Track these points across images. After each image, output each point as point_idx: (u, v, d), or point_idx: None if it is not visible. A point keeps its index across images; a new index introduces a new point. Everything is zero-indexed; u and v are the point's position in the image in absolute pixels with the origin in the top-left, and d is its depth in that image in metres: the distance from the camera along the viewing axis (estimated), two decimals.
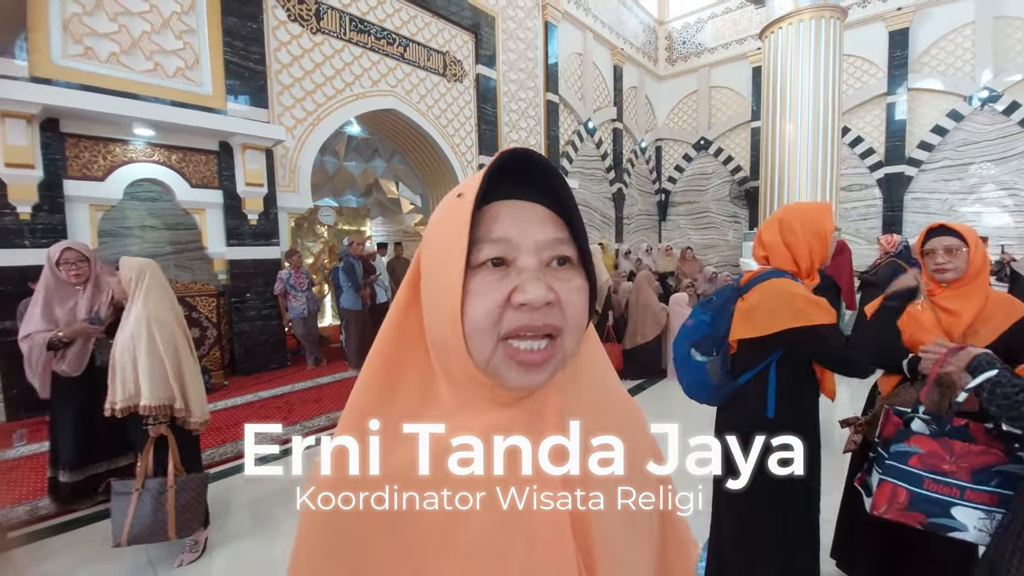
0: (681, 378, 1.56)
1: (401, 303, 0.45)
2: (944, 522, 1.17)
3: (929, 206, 8.74)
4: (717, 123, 11.36)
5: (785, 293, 1.36)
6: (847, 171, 9.22)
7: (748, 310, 1.43)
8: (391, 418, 0.42)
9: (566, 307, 0.39)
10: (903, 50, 8.67)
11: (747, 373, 1.44)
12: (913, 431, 1.25)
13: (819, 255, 1.44)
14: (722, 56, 11.03)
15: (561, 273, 0.41)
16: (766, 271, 1.46)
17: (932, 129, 8.61)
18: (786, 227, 1.45)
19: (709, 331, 1.50)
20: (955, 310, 1.45)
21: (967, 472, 1.16)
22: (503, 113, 7.93)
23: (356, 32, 5.96)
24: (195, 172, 4.75)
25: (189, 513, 2.04)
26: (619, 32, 10.50)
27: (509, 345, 0.38)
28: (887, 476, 1.25)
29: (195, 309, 4.88)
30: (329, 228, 8.51)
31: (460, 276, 0.37)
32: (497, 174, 0.39)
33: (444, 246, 0.39)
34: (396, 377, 0.44)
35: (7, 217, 3.70)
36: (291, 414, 3.95)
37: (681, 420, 0.50)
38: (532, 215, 0.41)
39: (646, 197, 12.08)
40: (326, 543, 0.41)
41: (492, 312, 0.38)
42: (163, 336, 1.99)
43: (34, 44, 3.73)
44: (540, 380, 0.40)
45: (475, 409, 0.42)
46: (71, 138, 4.05)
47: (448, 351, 0.41)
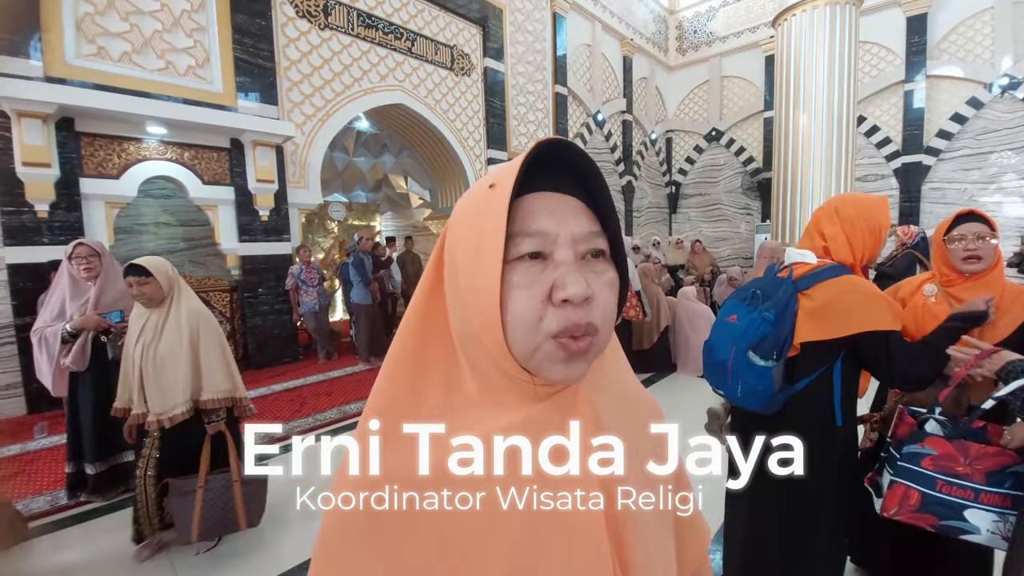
0: (733, 384, 1.35)
1: (424, 292, 0.45)
2: (957, 524, 1.15)
3: (948, 196, 8.54)
4: (729, 113, 11.18)
5: (863, 292, 1.27)
6: (862, 161, 9.04)
7: (817, 309, 1.29)
8: (417, 414, 0.42)
9: (600, 302, 0.39)
10: (921, 36, 8.44)
11: (805, 379, 1.32)
12: (927, 432, 1.21)
13: (871, 251, 1.37)
14: (734, 45, 10.84)
15: (595, 266, 0.40)
16: (828, 266, 1.34)
17: (951, 117, 8.39)
18: (844, 218, 1.37)
19: (772, 331, 1.30)
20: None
21: (981, 474, 1.13)
22: (511, 106, 7.89)
23: (364, 27, 5.97)
24: (207, 169, 4.81)
25: (256, 503, 2.07)
26: (628, 22, 10.37)
27: (558, 341, 0.38)
28: (899, 477, 1.22)
29: (209, 304, 4.95)
30: (339, 223, 8.57)
31: (498, 269, 0.36)
32: (529, 164, 0.38)
33: (478, 238, 0.38)
34: (420, 370, 0.44)
35: (25, 215, 3.79)
36: (303, 407, 4.00)
37: (691, 416, 0.50)
38: (567, 208, 0.40)
39: (656, 190, 11.97)
40: (358, 536, 0.40)
41: (535, 307, 0.37)
42: (214, 328, 2.01)
43: (48, 44, 3.79)
44: (581, 371, 0.39)
45: (504, 404, 0.42)
46: (86, 137, 4.12)
47: (481, 344, 0.40)
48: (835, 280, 1.29)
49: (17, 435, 3.47)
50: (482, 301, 0.37)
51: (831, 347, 1.29)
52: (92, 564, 2.08)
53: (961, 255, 1.40)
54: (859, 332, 1.24)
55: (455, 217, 0.43)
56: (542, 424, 0.41)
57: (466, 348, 0.42)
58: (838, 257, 1.36)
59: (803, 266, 1.38)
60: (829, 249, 1.38)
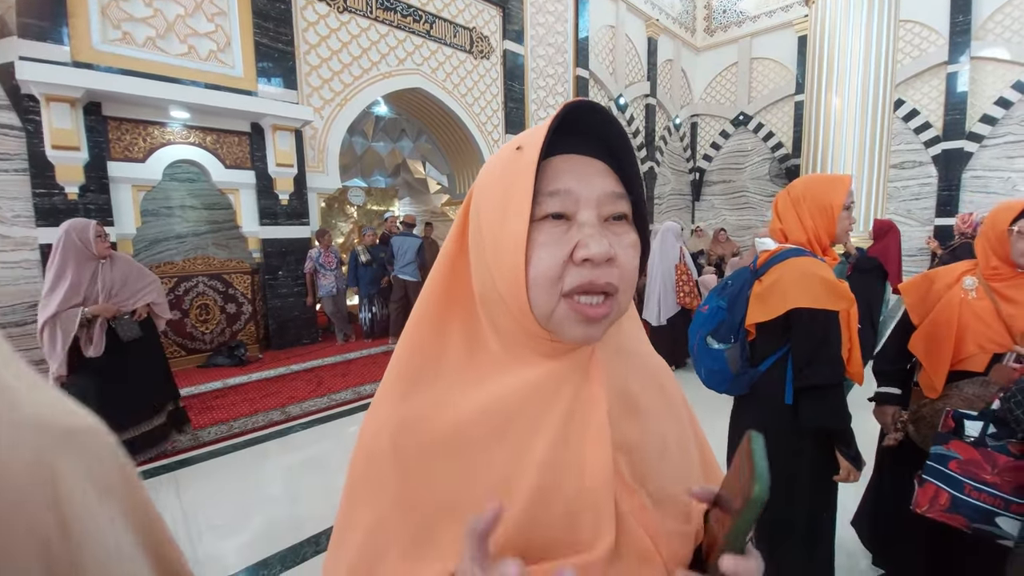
0: (699, 367, 1.49)
1: (448, 254, 0.46)
2: (989, 529, 1.11)
3: (990, 185, 8.11)
4: (758, 97, 10.79)
5: (801, 272, 1.28)
6: (899, 147, 8.64)
7: (763, 292, 1.35)
8: (439, 368, 0.44)
9: (622, 264, 0.40)
10: (966, 15, 7.94)
11: (767, 360, 1.37)
12: (952, 436, 1.19)
13: (825, 230, 1.34)
14: (765, 25, 10.40)
15: (617, 228, 0.41)
16: (784, 250, 1.36)
17: (996, 102, 7.92)
18: (794, 198, 1.37)
19: (726, 317, 1.43)
20: (1021, 300, 1.29)
21: (1010, 486, 1.09)
22: (531, 90, 7.77)
23: (382, 10, 5.93)
24: (229, 153, 4.90)
25: None
26: (655, 2, 10.04)
27: (574, 300, 0.39)
28: (928, 476, 1.20)
29: (231, 286, 5.10)
30: (358, 208, 8.65)
31: (524, 228, 0.38)
32: (556, 128, 0.39)
33: (504, 198, 0.39)
34: (443, 329, 0.45)
35: (56, 197, 3.93)
36: (320, 387, 4.10)
37: (702, 409, 0.50)
38: (592, 170, 0.41)
39: (679, 176, 11.69)
40: (382, 468, 0.42)
41: (556, 266, 0.38)
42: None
43: (75, 30, 3.88)
44: (599, 333, 0.41)
45: (524, 360, 0.43)
46: (113, 121, 4.23)
47: (504, 302, 0.41)
48: (783, 263, 1.33)
49: None
50: (507, 259, 0.39)
51: (778, 328, 1.33)
52: None
53: (1022, 250, 1.27)
54: (793, 308, 1.27)
55: (482, 178, 0.44)
56: (559, 378, 0.42)
57: (488, 308, 0.43)
58: (794, 238, 1.38)
59: (765, 253, 1.43)
60: (785, 231, 1.40)
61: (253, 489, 2.55)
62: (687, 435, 0.52)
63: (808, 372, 1.26)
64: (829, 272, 1.31)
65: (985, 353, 1.32)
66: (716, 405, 1.59)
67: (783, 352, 1.35)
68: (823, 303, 1.25)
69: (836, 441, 1.28)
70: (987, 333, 1.32)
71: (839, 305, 1.27)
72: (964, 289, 1.40)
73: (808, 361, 1.26)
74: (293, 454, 2.97)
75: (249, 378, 4.35)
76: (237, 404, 3.72)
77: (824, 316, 1.26)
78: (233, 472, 2.71)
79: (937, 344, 1.41)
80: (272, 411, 3.56)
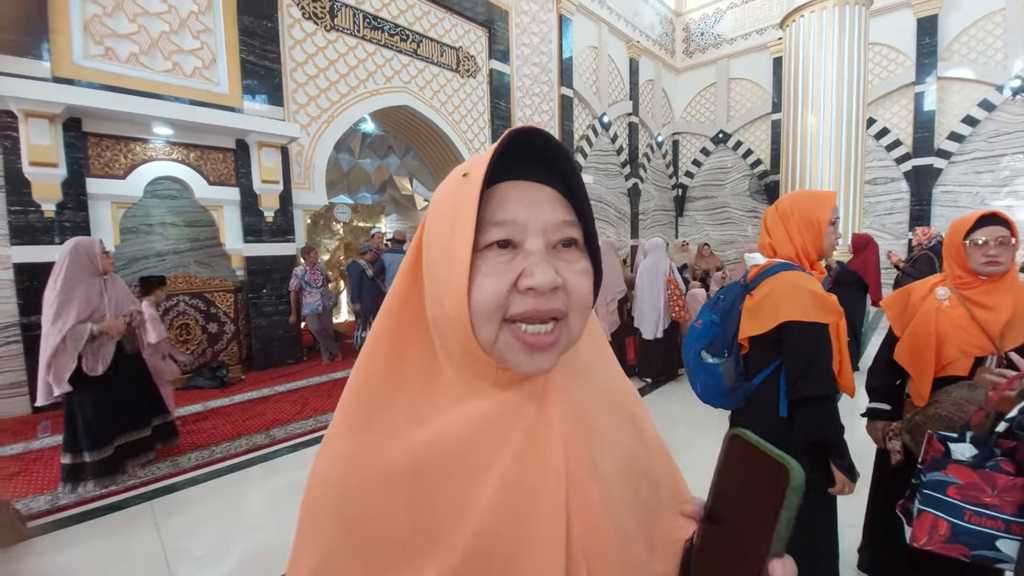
0: (694, 382, 1.51)
1: (404, 278, 0.45)
2: (990, 554, 1.09)
3: (959, 199, 8.42)
4: (736, 116, 11.11)
5: (791, 286, 1.30)
6: (872, 164, 8.93)
7: (754, 306, 1.37)
8: (395, 396, 0.43)
9: (572, 290, 0.39)
10: (932, 37, 8.34)
11: (761, 373, 1.38)
12: (951, 460, 1.16)
13: (813, 244, 1.37)
14: (741, 47, 10.78)
15: (567, 255, 0.41)
16: (773, 264, 1.39)
17: (962, 120, 8.28)
18: (782, 213, 1.40)
19: (719, 332, 1.45)
20: (991, 305, 1.36)
21: (1011, 506, 1.08)
22: (517, 108, 7.88)
23: (370, 29, 5.98)
24: (213, 170, 4.83)
25: None
26: (635, 24, 10.34)
27: (516, 328, 0.38)
28: (926, 506, 1.17)
29: (213, 304, 4.97)
30: (344, 225, 8.58)
31: (467, 257, 0.37)
32: (502, 153, 0.38)
33: (450, 227, 0.39)
34: (399, 354, 0.44)
35: (32, 215, 3.81)
36: (304, 408, 3.99)
37: (696, 421, 0.47)
38: (540, 197, 0.40)
39: (663, 192, 11.91)
40: (328, 514, 0.41)
41: (499, 295, 0.38)
42: None
43: (56, 45, 3.82)
44: (548, 363, 0.39)
45: (477, 390, 0.42)
46: (93, 137, 4.14)
47: (451, 331, 0.40)
48: (773, 277, 1.35)
49: (20, 434, 3.48)
50: (452, 288, 0.38)
51: (770, 341, 1.34)
52: (91, 564, 2.06)
53: (981, 260, 1.37)
54: (784, 322, 1.29)
55: (432, 205, 0.43)
56: (512, 410, 0.41)
57: (440, 333, 0.43)
58: (782, 252, 1.40)
59: (756, 267, 1.44)
60: (774, 246, 1.42)
61: (236, 517, 2.44)
62: (655, 462, 0.50)
63: (801, 384, 1.27)
64: (818, 286, 1.33)
65: (967, 357, 1.39)
66: (701, 422, 1.58)
67: (776, 365, 1.36)
68: (813, 316, 1.27)
69: (830, 452, 1.29)
70: (966, 338, 1.39)
71: (829, 318, 1.29)
72: (938, 299, 1.48)
73: (801, 373, 1.28)
74: (278, 479, 2.87)
75: (231, 400, 4.22)
76: (219, 427, 3.59)
77: (815, 329, 1.29)
78: (215, 499, 2.59)
79: (919, 353, 1.48)
80: (256, 434, 3.45)
